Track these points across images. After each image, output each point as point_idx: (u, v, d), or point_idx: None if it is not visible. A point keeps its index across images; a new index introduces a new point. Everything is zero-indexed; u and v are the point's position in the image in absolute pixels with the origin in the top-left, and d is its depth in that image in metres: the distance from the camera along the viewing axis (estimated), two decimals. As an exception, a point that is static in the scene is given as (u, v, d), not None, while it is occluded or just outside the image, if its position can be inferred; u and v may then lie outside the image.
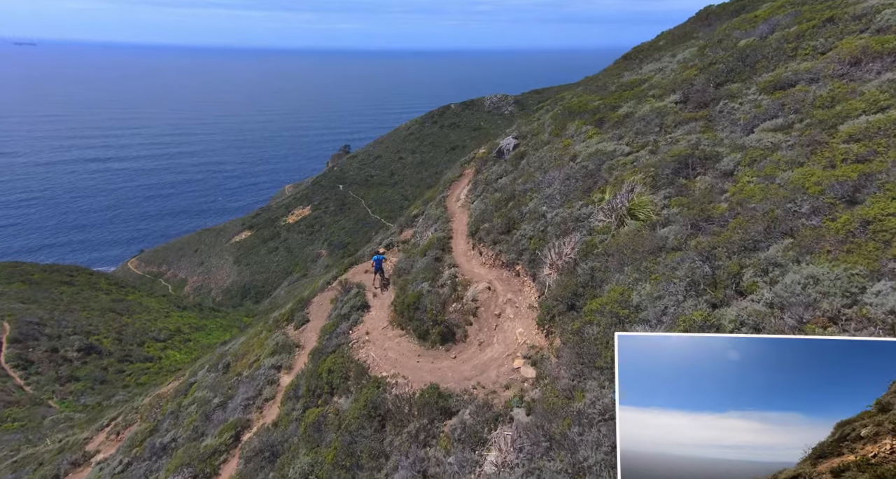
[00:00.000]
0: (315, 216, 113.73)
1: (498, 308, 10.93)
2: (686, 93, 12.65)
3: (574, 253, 9.70)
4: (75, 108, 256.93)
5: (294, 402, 10.90)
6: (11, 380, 43.07)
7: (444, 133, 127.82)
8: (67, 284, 73.17)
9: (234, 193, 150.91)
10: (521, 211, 12.67)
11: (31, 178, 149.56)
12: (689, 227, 7.98)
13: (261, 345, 14.75)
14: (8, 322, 50.16)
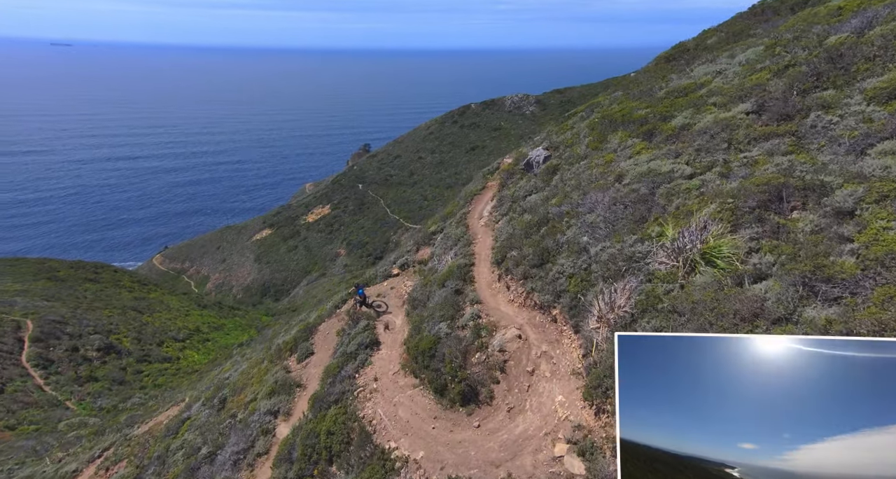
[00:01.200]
0: (334, 215, 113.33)
1: (531, 363, 8.95)
2: (760, 101, 10.42)
3: (630, 306, 7.65)
4: (107, 107, 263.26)
5: (288, 466, 9.12)
6: (31, 380, 42.86)
7: (464, 133, 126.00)
8: (92, 281, 73.74)
9: (255, 191, 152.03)
10: (556, 240, 10.64)
11: (65, 176, 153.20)
12: (799, 287, 5.91)
13: (260, 379, 13.08)
14: (31, 321, 50.23)
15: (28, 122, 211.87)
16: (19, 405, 38.09)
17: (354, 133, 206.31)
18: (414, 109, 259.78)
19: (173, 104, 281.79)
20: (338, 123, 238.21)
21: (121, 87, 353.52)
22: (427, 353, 9.96)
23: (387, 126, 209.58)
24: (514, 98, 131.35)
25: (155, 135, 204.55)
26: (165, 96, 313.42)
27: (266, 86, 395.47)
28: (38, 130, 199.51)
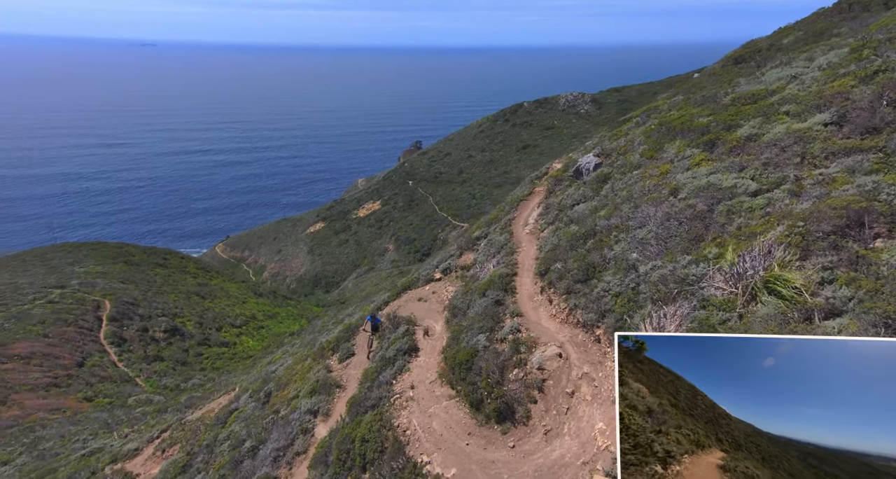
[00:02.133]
0: (384, 211, 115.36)
1: (571, 384, 8.60)
2: (841, 111, 9.40)
3: (681, 332, 7.15)
4: (184, 103, 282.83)
5: (323, 469, 9.32)
6: (107, 356, 46.81)
7: (516, 132, 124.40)
8: (161, 266, 79.34)
9: (311, 185, 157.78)
10: (603, 255, 10.15)
11: (144, 167, 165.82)
12: (881, 328, 5.23)
13: (302, 376, 13.50)
14: (109, 301, 54.73)
15: (119, 117, 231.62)
16: (96, 378, 41.68)
17: (407, 130, 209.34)
18: (466, 106, 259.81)
19: (238, 101, 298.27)
20: (391, 120, 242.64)
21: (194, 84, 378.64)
22: (464, 365, 9.84)
23: (439, 124, 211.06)
24: (569, 96, 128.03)
25: (221, 130, 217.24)
26: (232, 93, 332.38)
27: (327, 84, 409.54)
28: (125, 124, 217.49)
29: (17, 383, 35.58)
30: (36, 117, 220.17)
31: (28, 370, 37.89)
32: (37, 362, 39.67)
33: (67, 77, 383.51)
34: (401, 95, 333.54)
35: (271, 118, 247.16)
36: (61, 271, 62.87)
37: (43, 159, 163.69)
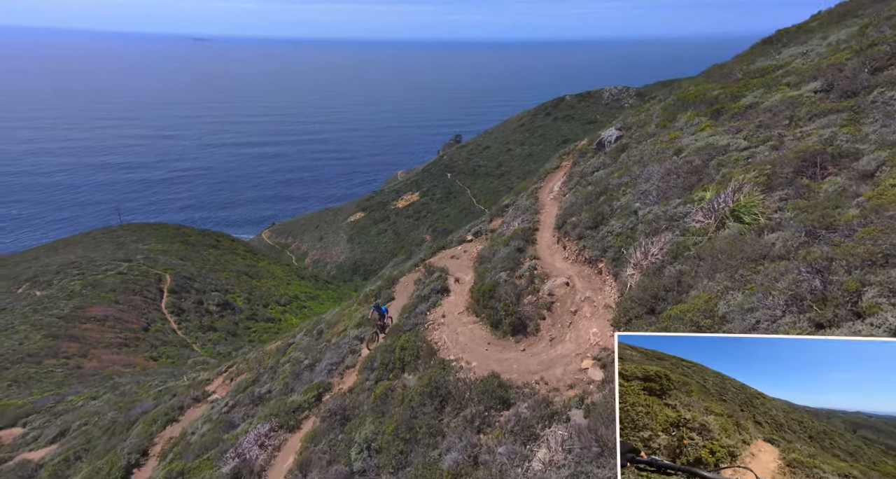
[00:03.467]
0: (422, 202, 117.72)
1: (574, 305, 10.45)
2: (830, 80, 10.66)
3: (662, 254, 8.85)
4: (233, 95, 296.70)
5: (369, 372, 11.60)
6: (168, 323, 51.75)
7: (557, 125, 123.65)
8: (214, 247, 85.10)
9: (353, 177, 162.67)
10: (611, 206, 11.86)
11: (195, 158, 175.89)
12: (803, 234, 6.80)
13: (350, 317, 15.90)
14: (169, 275, 59.96)
15: (171, 109, 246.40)
16: (159, 341, 46.38)
17: (446, 125, 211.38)
18: (506, 101, 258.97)
19: (283, 94, 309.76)
20: (431, 114, 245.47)
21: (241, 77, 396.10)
22: (487, 294, 11.86)
23: (479, 119, 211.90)
24: (613, 90, 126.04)
25: (266, 123, 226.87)
26: (277, 87, 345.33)
27: (363, 77, 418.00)
28: (177, 116, 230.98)
29: (95, 340, 40.41)
30: (95, 108, 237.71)
31: (103, 331, 42.83)
32: (110, 324, 44.66)
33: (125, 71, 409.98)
34: (440, 89, 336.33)
35: (314, 111, 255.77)
36: (127, 248, 69.17)
37: (102, 149, 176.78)
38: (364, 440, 9.10)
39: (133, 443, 13.21)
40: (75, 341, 38.33)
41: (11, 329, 37.22)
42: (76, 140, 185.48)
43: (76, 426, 19.55)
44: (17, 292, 48.99)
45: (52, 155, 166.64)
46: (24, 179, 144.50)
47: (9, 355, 32.92)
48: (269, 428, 11.01)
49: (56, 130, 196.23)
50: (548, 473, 6.15)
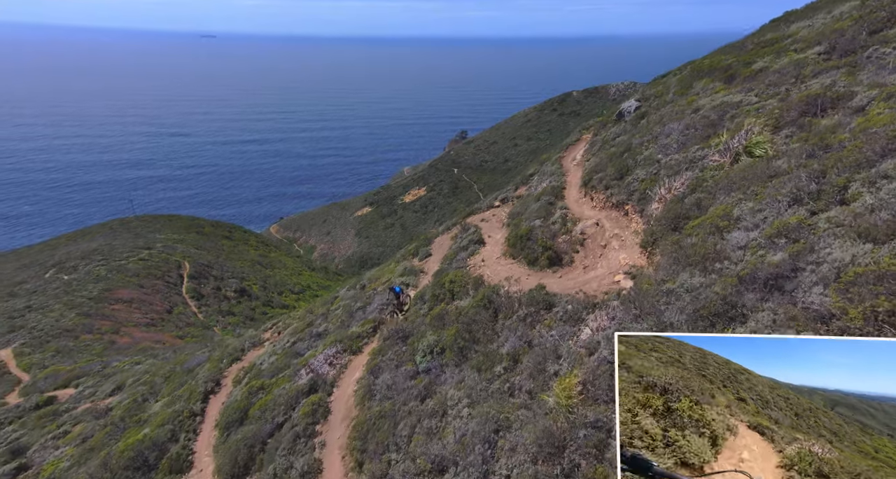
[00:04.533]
0: (429, 197, 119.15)
1: (604, 241, 12.02)
2: (832, 43, 12.16)
3: (683, 187, 10.41)
4: (240, 92, 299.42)
5: (421, 304, 13.23)
6: (189, 307, 53.64)
7: (563, 121, 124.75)
8: (227, 238, 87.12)
9: (359, 175, 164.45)
10: (635, 160, 13.42)
11: (203, 155, 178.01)
12: (804, 155, 8.33)
13: (391, 270, 17.54)
14: (188, 262, 61.87)
15: (180, 106, 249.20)
16: (183, 323, 48.25)
17: (452, 121, 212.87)
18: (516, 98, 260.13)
19: (290, 91, 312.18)
20: (437, 111, 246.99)
21: (248, 74, 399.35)
22: (523, 237, 13.46)
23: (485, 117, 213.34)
24: (620, 86, 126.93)
25: (273, 120, 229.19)
26: (284, 84, 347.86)
27: (375, 75, 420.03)
28: (185, 113, 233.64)
29: (125, 319, 42.32)
30: (103, 106, 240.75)
31: (131, 311, 44.76)
32: (136, 305, 46.58)
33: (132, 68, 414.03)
34: (446, 86, 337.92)
35: (321, 108, 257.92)
36: (145, 237, 71.20)
37: (110, 146, 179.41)
38: (427, 346, 10.72)
39: (206, 375, 14.87)
40: (107, 319, 40.25)
41: (47, 308, 39.17)
42: (86, 137, 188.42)
43: (130, 383, 21.30)
44: (45, 277, 51.03)
45: (61, 152, 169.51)
46: (33, 175, 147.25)
47: (48, 330, 34.83)
48: (336, 351, 12.66)
49: (64, 128, 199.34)
50: (595, 336, 7.75)
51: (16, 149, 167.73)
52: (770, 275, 6.38)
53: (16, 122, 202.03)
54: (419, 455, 8.20)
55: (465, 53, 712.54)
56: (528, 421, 7.28)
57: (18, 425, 19.51)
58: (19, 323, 36.00)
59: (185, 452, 11.70)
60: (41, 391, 23.47)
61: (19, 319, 36.96)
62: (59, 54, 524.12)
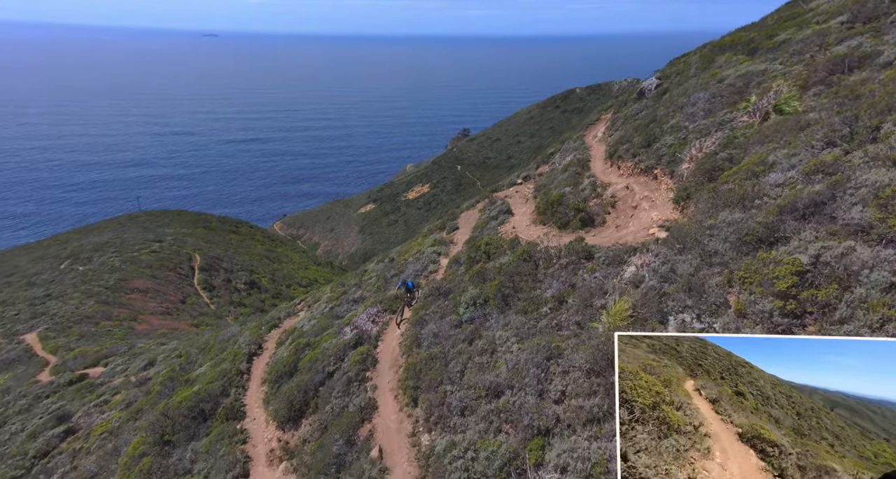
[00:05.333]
0: (433, 194, 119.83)
1: (635, 202, 12.63)
2: (855, 13, 12.74)
3: (714, 146, 11.01)
4: (243, 91, 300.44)
5: (457, 266, 13.86)
6: (201, 298, 54.35)
7: (566, 118, 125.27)
8: (234, 233, 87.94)
9: (362, 173, 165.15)
10: (662, 128, 14.01)
11: (206, 154, 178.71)
12: (835, 105, 8.92)
13: (420, 243, 18.16)
14: (198, 255, 62.63)
15: (184, 105, 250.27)
16: (197, 312, 48.95)
17: (456, 120, 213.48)
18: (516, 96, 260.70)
19: (292, 90, 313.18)
20: (441, 110, 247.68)
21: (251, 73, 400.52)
22: (554, 203, 14.07)
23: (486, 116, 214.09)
24: (623, 83, 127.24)
25: (276, 119, 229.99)
26: (286, 82, 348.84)
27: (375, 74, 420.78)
28: (189, 112, 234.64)
29: (142, 308, 43.04)
30: (105, 105, 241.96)
31: (147, 300, 45.49)
32: (151, 295, 47.31)
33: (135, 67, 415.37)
34: (447, 85, 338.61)
35: (323, 107, 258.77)
36: (154, 231, 71.98)
37: (114, 145, 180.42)
38: (469, 299, 11.34)
39: (248, 339, 15.50)
40: (124, 307, 40.98)
41: (66, 296, 39.93)
42: (90, 136, 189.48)
43: (162, 358, 21.97)
44: (60, 268, 51.80)
45: (64, 151, 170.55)
46: (36, 174, 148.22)
47: (69, 317, 35.56)
48: (377, 310, 13.29)
49: (67, 126, 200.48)
50: (640, 271, 8.37)
51: (20, 148, 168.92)
52: (809, 203, 6.99)
53: (19, 120, 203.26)
54: (473, 385, 8.82)
55: (466, 52, 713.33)
56: (581, 344, 7.90)
57: (56, 397, 20.17)
58: (41, 310, 36.76)
59: (237, 403, 12.34)
60: (72, 370, 24.14)
61: (40, 306, 37.73)
62: (62, 53, 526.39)
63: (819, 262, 5.93)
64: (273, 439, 11.07)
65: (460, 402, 8.69)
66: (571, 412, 7.26)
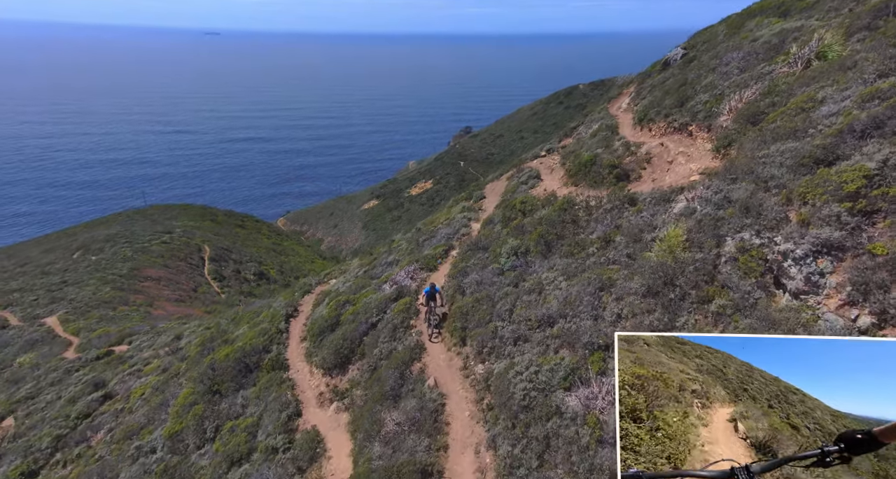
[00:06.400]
0: (436, 190, 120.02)
1: (670, 157, 12.82)
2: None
3: (755, 96, 11.19)
4: (246, 89, 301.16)
5: (492, 226, 14.08)
6: (212, 287, 54.74)
7: (570, 114, 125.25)
8: (240, 226, 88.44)
9: (365, 170, 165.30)
10: (694, 89, 14.19)
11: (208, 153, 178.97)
12: (883, 46, 9.10)
13: (448, 211, 18.39)
14: (208, 246, 63.05)
15: (187, 103, 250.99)
16: (209, 300, 49.33)
17: (458, 118, 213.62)
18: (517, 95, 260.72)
19: (294, 89, 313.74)
20: (444, 108, 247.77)
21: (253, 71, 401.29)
22: (587, 164, 14.28)
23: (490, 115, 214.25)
24: (626, 79, 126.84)
25: (279, 118, 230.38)
26: (289, 81, 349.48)
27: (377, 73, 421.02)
28: (192, 111, 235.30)
29: (157, 295, 43.42)
30: (107, 103, 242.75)
31: (160, 288, 45.88)
32: (164, 283, 47.72)
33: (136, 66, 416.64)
34: (449, 83, 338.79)
35: (325, 106, 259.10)
36: (162, 223, 72.42)
37: (116, 144, 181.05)
38: (510, 249, 11.57)
39: (284, 303, 15.76)
40: (140, 294, 41.37)
41: (82, 283, 40.32)
42: (93, 136, 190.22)
43: (188, 333, 22.26)
44: (72, 258, 52.24)
45: (67, 150, 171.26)
46: (39, 173, 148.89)
47: (87, 302, 35.95)
48: (414, 268, 13.52)
49: (69, 125, 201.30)
50: (692, 204, 8.57)
51: (23, 146, 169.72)
52: (868, 123, 7.18)
53: (21, 119, 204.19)
54: (525, 319, 9.05)
55: (467, 50, 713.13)
56: (634, 273, 8.11)
57: (87, 370, 20.48)
58: (59, 295, 37.16)
59: (280, 356, 12.59)
60: (97, 347, 24.48)
61: (58, 292, 38.13)
62: (63, 52, 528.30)
63: (887, 165, 6.13)
64: (320, 385, 11.32)
65: (513, 334, 8.92)
66: (630, 329, 7.47)
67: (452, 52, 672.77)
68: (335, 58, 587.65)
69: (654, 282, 7.56)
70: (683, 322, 6.93)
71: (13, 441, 14.86)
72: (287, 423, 9.96)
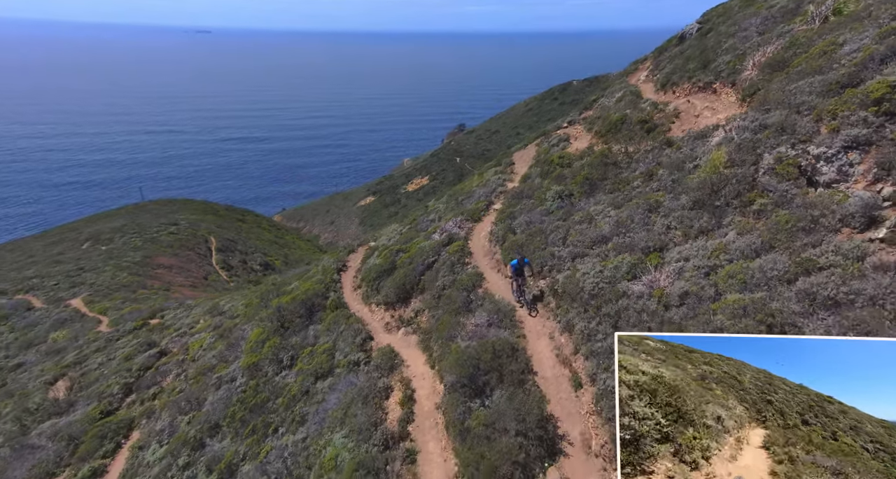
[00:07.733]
0: (432, 186, 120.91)
1: (697, 112, 14.13)
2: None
3: (777, 50, 12.51)
4: (239, 88, 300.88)
5: (531, 180, 15.34)
6: (220, 276, 55.65)
7: (565, 110, 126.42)
8: (241, 221, 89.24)
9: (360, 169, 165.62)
10: (716, 52, 15.52)
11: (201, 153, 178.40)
12: None
13: (480, 176, 19.63)
14: (214, 237, 63.95)
15: (178, 103, 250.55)
16: (220, 288, 50.20)
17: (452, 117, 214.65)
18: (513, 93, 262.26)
19: (288, 88, 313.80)
20: (438, 106, 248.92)
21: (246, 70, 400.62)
22: (617, 122, 15.56)
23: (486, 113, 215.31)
24: (626, 70, 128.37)
25: (274, 117, 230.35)
26: (283, 80, 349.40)
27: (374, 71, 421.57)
28: (184, 110, 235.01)
29: (171, 281, 44.35)
30: (99, 103, 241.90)
31: (174, 275, 46.82)
32: (177, 271, 48.64)
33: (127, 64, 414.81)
34: (445, 81, 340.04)
35: (320, 105, 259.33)
36: (167, 216, 73.19)
37: (108, 144, 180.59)
38: (554, 193, 12.83)
39: (331, 260, 16.90)
40: (156, 279, 42.32)
41: (99, 269, 41.23)
42: (85, 136, 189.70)
43: (223, 303, 23.34)
44: (82, 248, 53.02)
45: (62, 149, 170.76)
46: (32, 175, 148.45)
47: (108, 285, 36.92)
48: (460, 219, 14.76)
49: (60, 126, 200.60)
50: (729, 134, 9.85)
51: (22, 147, 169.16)
52: (886, 53, 8.50)
53: (21, 119, 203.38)
54: (580, 241, 10.30)
55: (466, 49, 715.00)
56: (681, 193, 9.38)
57: (130, 337, 21.49)
58: (78, 280, 38.07)
59: (341, 299, 13.76)
60: (131, 320, 25.50)
61: (77, 277, 39.05)
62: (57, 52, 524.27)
63: (905, 78, 7.44)
64: (384, 317, 12.54)
65: (570, 253, 10.17)
66: (681, 234, 8.75)
67: (452, 51, 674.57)
68: (335, 56, 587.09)
69: (701, 195, 8.84)
70: (728, 221, 8.20)
71: (81, 391, 15.91)
72: (362, 345, 11.15)
